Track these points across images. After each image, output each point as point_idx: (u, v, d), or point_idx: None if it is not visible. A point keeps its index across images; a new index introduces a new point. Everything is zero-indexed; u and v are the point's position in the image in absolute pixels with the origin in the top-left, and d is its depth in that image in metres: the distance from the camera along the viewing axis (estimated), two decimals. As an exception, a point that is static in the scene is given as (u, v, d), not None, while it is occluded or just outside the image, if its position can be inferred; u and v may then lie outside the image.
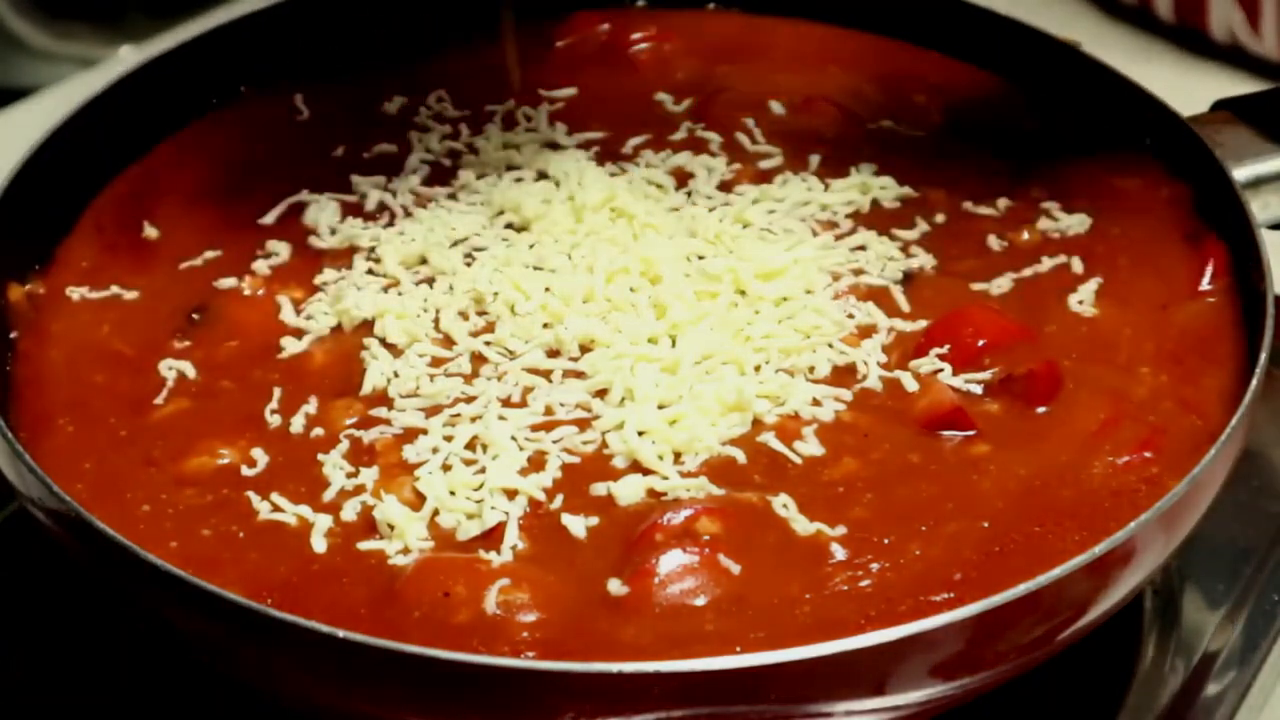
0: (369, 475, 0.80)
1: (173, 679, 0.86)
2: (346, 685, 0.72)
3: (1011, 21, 1.08)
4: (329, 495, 0.80)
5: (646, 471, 0.80)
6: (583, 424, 0.83)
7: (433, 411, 0.84)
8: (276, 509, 0.79)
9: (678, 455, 0.81)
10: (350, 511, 0.79)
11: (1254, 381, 0.81)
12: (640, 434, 0.81)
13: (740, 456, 0.81)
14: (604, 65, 1.12)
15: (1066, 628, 0.76)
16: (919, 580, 0.75)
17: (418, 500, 0.79)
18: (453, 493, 0.79)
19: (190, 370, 0.87)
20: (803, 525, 0.78)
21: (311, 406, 0.84)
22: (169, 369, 0.87)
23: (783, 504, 0.78)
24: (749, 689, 0.69)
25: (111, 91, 1.01)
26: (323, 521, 0.78)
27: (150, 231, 0.97)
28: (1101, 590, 0.75)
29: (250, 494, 0.80)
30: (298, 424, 0.83)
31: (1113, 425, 0.82)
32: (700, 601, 0.74)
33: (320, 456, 0.82)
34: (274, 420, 0.84)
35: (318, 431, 0.83)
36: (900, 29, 1.12)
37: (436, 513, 0.78)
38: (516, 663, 0.70)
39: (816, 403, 0.84)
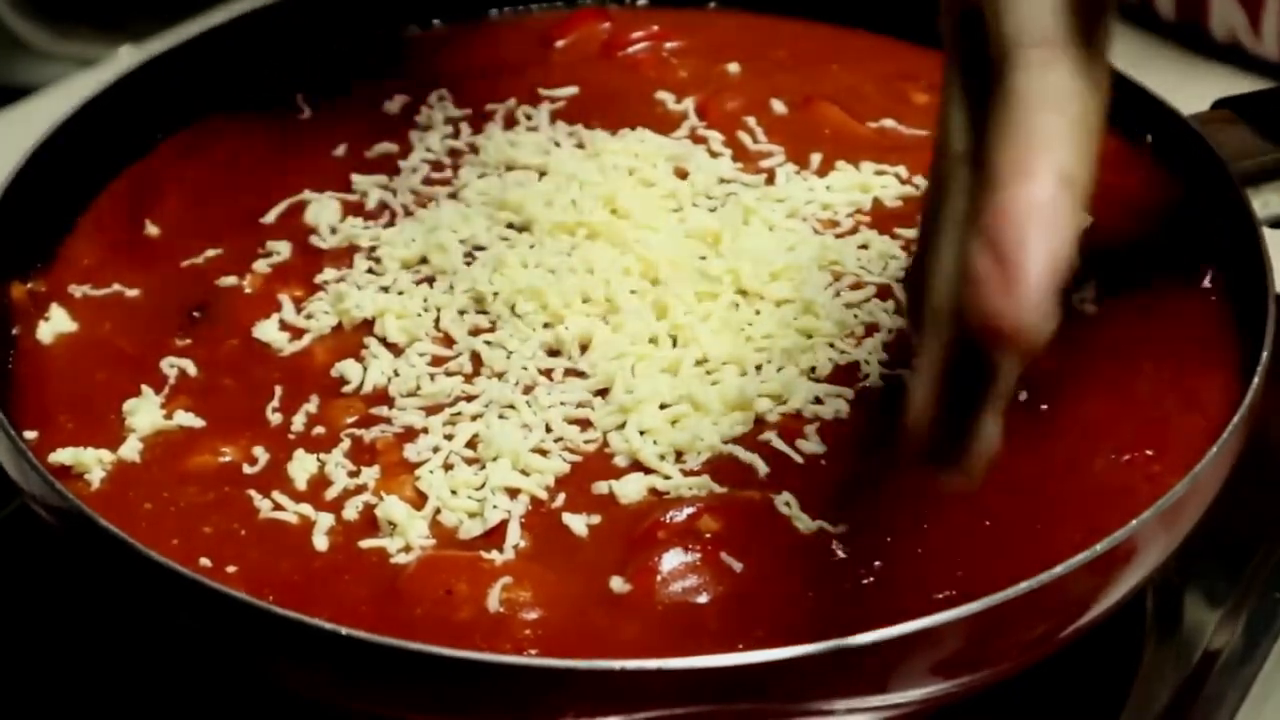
0: (370, 474, 0.81)
1: (173, 678, 0.86)
2: (348, 683, 0.71)
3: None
4: (330, 494, 0.80)
5: (648, 470, 0.80)
6: (584, 423, 0.83)
7: (433, 410, 0.84)
8: (278, 507, 0.79)
9: (679, 454, 0.81)
10: (352, 510, 0.79)
11: (1256, 379, 0.81)
12: (642, 433, 0.81)
13: (742, 455, 0.81)
14: (604, 65, 1.11)
15: (1068, 626, 0.75)
16: (920, 578, 0.75)
17: (419, 499, 0.79)
18: (454, 492, 0.79)
19: (191, 368, 0.87)
20: (805, 523, 0.77)
21: (312, 405, 0.84)
22: (170, 367, 0.87)
23: (785, 502, 0.78)
24: (751, 687, 0.69)
25: (111, 91, 1.01)
26: (324, 520, 0.78)
27: (151, 230, 0.97)
28: (1102, 588, 0.75)
29: (251, 492, 0.80)
30: (299, 422, 0.83)
31: (1114, 423, 0.82)
32: (702, 599, 0.74)
33: (321, 455, 0.82)
34: (275, 418, 0.84)
35: (319, 430, 0.83)
36: (900, 29, 1.12)
37: (438, 511, 0.78)
38: (519, 660, 0.70)
39: (819, 401, 0.84)
